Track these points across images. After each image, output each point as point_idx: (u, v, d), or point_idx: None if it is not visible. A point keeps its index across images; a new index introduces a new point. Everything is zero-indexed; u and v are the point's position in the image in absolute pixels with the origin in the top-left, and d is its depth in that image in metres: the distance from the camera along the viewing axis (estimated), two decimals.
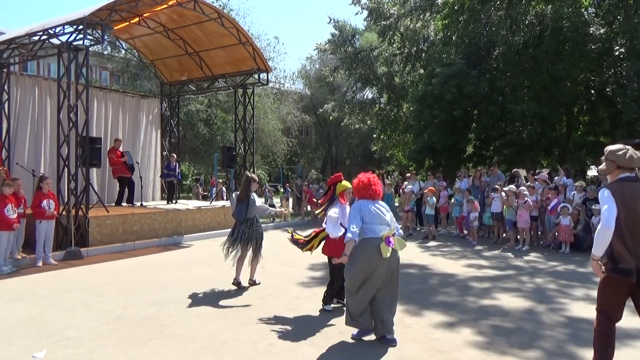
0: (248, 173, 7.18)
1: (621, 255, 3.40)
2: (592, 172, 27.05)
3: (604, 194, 3.46)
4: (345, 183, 5.47)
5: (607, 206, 3.42)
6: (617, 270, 3.42)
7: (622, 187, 3.47)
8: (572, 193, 10.55)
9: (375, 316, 4.58)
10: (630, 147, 3.56)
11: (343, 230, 5.06)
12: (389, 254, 4.42)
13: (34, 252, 8.48)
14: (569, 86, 17.00)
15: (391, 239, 4.50)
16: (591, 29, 16.37)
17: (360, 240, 4.49)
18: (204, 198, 20.27)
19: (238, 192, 6.83)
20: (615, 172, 3.58)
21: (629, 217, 3.39)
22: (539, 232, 11.08)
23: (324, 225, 5.47)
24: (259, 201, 6.83)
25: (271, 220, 15.19)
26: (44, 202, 8.41)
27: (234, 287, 6.67)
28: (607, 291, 3.54)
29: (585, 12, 17.51)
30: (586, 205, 9.97)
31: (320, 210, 5.75)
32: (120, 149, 12.42)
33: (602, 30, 16.49)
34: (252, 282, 6.85)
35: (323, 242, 5.56)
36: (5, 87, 11.18)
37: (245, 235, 6.53)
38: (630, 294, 3.48)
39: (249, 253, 6.67)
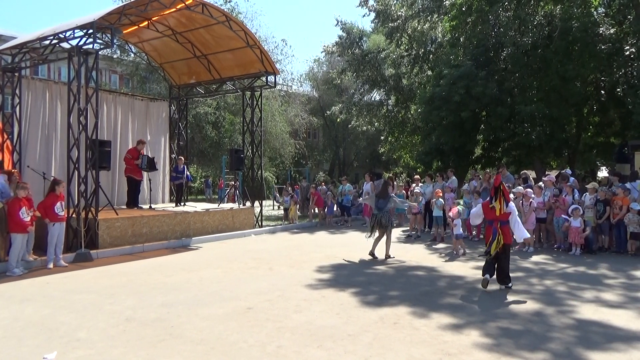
0: (387, 176, 9.11)
1: None
2: (602, 173, 26.78)
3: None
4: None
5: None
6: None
7: None
8: (585, 195, 10.45)
9: None
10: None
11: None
12: None
13: (44, 254, 8.58)
14: (578, 87, 16.86)
15: None
16: (601, 29, 16.23)
17: None
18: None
19: (378, 191, 9.75)
20: None
21: None
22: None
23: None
24: (397, 198, 9.89)
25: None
26: (57, 205, 8.49)
27: (245, 292, 6.74)
28: None
29: (595, 12, 17.36)
30: (596, 207, 9.89)
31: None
32: (143, 151, 12.72)
33: (612, 30, 16.36)
34: (388, 256, 9.15)
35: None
36: (17, 91, 11.31)
37: (383, 221, 9.12)
38: None
39: (384, 234, 9.19)
